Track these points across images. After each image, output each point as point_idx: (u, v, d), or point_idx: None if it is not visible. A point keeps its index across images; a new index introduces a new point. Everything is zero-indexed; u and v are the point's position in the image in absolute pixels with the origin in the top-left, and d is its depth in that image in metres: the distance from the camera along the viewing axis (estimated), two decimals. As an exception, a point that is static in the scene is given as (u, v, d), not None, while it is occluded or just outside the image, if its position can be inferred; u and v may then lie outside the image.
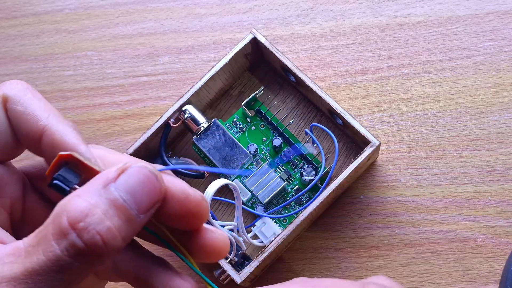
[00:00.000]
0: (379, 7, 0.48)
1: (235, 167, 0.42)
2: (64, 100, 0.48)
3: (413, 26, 0.47)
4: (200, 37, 0.49)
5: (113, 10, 0.51)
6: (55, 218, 0.24)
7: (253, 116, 0.45)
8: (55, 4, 0.52)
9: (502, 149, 0.43)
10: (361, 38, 0.47)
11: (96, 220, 0.23)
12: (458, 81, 0.45)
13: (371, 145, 0.39)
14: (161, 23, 0.50)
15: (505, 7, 0.46)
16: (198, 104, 0.44)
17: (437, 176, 0.44)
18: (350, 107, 0.45)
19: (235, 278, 0.38)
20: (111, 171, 0.25)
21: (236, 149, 0.42)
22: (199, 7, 0.50)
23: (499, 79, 0.45)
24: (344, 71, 0.46)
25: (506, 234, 0.42)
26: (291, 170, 0.43)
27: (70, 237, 0.23)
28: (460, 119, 0.44)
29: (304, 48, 0.47)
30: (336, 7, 0.48)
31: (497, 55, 0.45)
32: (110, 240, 0.24)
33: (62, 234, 0.23)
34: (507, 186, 0.43)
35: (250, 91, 0.46)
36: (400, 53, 0.46)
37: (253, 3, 0.49)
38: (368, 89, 0.46)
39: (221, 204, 0.44)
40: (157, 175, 0.26)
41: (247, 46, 0.43)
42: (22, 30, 0.51)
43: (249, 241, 0.40)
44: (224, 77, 0.44)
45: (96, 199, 0.24)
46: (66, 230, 0.23)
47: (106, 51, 0.49)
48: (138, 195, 0.25)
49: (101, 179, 0.24)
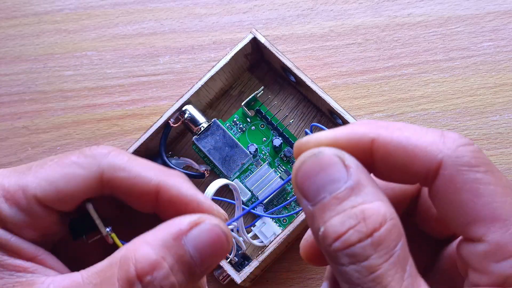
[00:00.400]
0: (379, 7, 0.48)
1: (235, 167, 0.42)
2: (64, 100, 0.48)
3: (413, 26, 0.47)
4: (200, 37, 0.49)
5: (113, 10, 0.51)
6: (122, 263, 0.24)
7: (253, 116, 0.45)
8: (55, 4, 0.52)
9: (502, 149, 0.43)
10: (361, 38, 0.47)
11: (163, 275, 0.24)
12: (458, 81, 0.45)
13: (371, 145, 0.39)
14: (161, 23, 0.50)
15: (505, 7, 0.46)
16: (198, 104, 0.44)
17: (437, 176, 0.43)
18: (350, 107, 0.45)
19: (235, 278, 0.38)
20: (184, 223, 0.25)
21: (236, 149, 0.42)
22: (199, 7, 0.50)
23: (499, 79, 0.45)
24: (344, 71, 0.46)
25: (506, 234, 0.42)
26: (291, 170, 0.43)
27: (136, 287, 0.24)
28: (460, 119, 0.44)
29: (304, 48, 0.47)
30: (336, 7, 0.48)
31: (497, 55, 0.45)
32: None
33: (128, 284, 0.24)
34: (507, 186, 0.43)
35: (250, 91, 0.46)
36: (400, 53, 0.46)
37: (253, 3, 0.49)
38: (368, 89, 0.46)
39: (221, 204, 0.44)
40: (228, 236, 0.26)
41: (247, 46, 0.43)
42: (22, 30, 0.51)
43: (249, 241, 0.40)
44: (224, 77, 0.44)
45: (165, 252, 0.24)
46: (133, 280, 0.24)
47: (106, 51, 0.49)
48: (205, 255, 0.25)
49: (173, 229, 0.25)
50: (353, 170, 0.22)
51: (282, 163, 0.43)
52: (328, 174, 0.23)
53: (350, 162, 0.23)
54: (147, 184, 0.27)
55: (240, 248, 0.40)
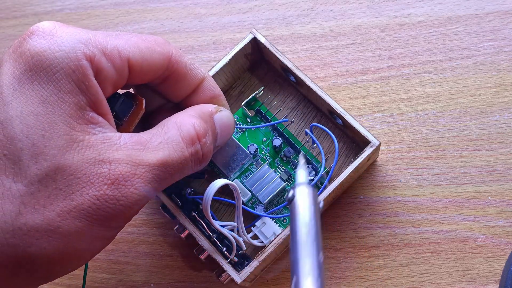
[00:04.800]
0: (379, 7, 0.48)
1: (235, 167, 0.42)
2: (64, 100, 0.48)
3: (413, 26, 0.47)
4: (200, 37, 0.49)
5: (113, 10, 0.51)
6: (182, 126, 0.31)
7: (253, 116, 0.45)
8: (55, 4, 0.52)
9: (502, 149, 0.43)
10: (361, 38, 0.47)
11: (210, 140, 0.33)
12: (458, 81, 0.45)
13: (371, 145, 0.39)
14: (161, 23, 0.50)
15: (505, 7, 0.46)
16: (198, 104, 0.44)
17: (437, 176, 0.43)
18: (350, 107, 0.45)
19: (235, 278, 0.38)
20: (211, 106, 0.35)
21: (236, 149, 0.42)
22: (199, 7, 0.50)
23: (499, 79, 0.45)
24: (344, 71, 0.46)
25: (506, 234, 0.42)
26: (291, 170, 0.43)
27: (196, 146, 0.31)
28: (460, 119, 0.44)
29: (304, 48, 0.47)
30: (336, 7, 0.48)
31: (497, 55, 0.45)
32: (209, 158, 0.34)
33: (191, 142, 0.31)
34: (507, 186, 0.43)
35: (250, 91, 0.46)
36: (400, 53, 0.46)
37: (253, 3, 0.49)
38: (368, 89, 0.46)
39: (221, 204, 0.44)
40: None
41: (247, 46, 0.43)
42: (22, 30, 0.51)
43: (249, 241, 0.40)
44: (224, 77, 0.44)
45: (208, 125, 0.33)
46: (195, 139, 0.31)
47: (106, 51, 0.49)
48: (223, 134, 0.35)
49: (207, 109, 0.34)
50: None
51: (282, 163, 0.43)
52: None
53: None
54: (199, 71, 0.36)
55: (240, 248, 0.40)
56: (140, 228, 0.45)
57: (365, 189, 0.44)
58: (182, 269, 0.44)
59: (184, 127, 0.31)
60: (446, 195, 0.43)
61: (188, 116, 0.32)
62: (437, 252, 0.42)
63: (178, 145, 0.30)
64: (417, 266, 0.42)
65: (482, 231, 0.42)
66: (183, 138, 0.31)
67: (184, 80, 0.35)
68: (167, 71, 0.34)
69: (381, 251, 0.43)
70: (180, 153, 0.30)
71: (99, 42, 0.30)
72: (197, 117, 0.32)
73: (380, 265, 0.42)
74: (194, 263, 0.44)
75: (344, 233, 0.43)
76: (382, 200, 0.43)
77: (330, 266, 0.43)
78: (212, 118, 0.34)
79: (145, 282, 0.44)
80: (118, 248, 0.45)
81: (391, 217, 0.43)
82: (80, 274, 0.44)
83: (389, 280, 0.42)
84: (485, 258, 0.42)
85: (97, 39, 0.30)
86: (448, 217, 0.43)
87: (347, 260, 0.43)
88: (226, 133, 0.35)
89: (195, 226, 0.40)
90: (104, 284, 0.44)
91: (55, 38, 0.29)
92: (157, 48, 0.33)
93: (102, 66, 0.30)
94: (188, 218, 0.40)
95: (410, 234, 0.43)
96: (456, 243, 0.42)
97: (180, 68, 0.34)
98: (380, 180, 0.44)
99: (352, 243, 0.43)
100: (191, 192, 0.42)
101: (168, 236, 0.45)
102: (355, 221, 0.43)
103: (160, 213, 0.44)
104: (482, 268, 0.41)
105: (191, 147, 0.31)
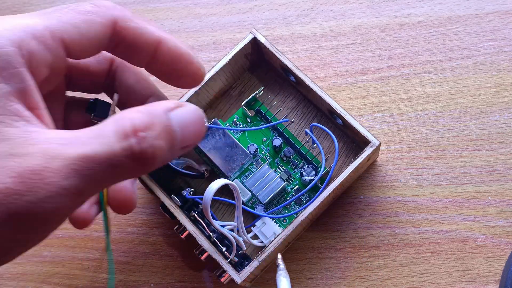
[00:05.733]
0: (379, 7, 0.48)
1: (235, 167, 0.42)
2: (64, 100, 0.48)
3: (413, 26, 0.47)
4: (200, 37, 0.49)
5: (113, 10, 0.51)
6: (117, 120, 0.27)
7: (253, 116, 0.45)
8: (55, 4, 0.52)
9: (502, 149, 0.43)
10: (361, 38, 0.47)
11: (154, 135, 0.27)
12: (458, 81, 0.45)
13: (371, 145, 0.39)
14: (161, 23, 0.50)
15: (505, 7, 0.46)
16: (198, 104, 0.44)
17: (437, 176, 0.43)
18: (350, 107, 0.45)
19: (235, 278, 0.38)
20: (171, 102, 0.29)
21: (236, 149, 0.42)
22: (199, 7, 0.50)
23: (499, 79, 0.45)
24: (344, 71, 0.46)
25: (506, 234, 0.42)
26: (291, 170, 0.43)
27: (130, 140, 0.26)
28: (460, 119, 0.44)
29: (304, 48, 0.47)
30: (336, 7, 0.48)
31: (497, 55, 0.45)
32: (157, 157, 0.27)
33: (124, 135, 0.26)
34: (507, 186, 0.43)
35: (250, 91, 0.46)
36: (400, 53, 0.46)
37: (253, 3, 0.49)
38: (368, 89, 0.46)
39: (221, 204, 0.44)
40: (205, 121, 0.30)
41: (247, 46, 0.43)
42: (22, 30, 0.51)
43: (249, 241, 0.40)
44: (224, 77, 0.44)
45: (156, 120, 0.27)
46: (129, 133, 0.27)
47: (106, 51, 0.49)
48: (187, 132, 0.29)
49: (162, 104, 0.28)
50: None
51: (282, 163, 0.43)
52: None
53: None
54: (152, 34, 0.32)
55: (240, 248, 0.40)
56: (140, 228, 0.45)
57: (365, 189, 0.44)
58: (182, 269, 0.44)
59: (121, 121, 0.27)
60: (446, 195, 0.43)
61: (131, 111, 0.28)
62: (437, 252, 0.42)
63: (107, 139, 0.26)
64: (417, 266, 0.42)
65: (482, 231, 0.42)
66: (115, 131, 0.27)
67: (135, 46, 0.32)
68: (114, 40, 0.31)
69: (381, 251, 0.43)
70: (107, 147, 0.26)
71: (28, 25, 0.28)
72: (143, 111, 0.28)
73: (380, 265, 0.42)
74: (194, 263, 0.44)
75: (344, 233, 0.43)
76: (382, 200, 0.43)
77: (330, 266, 0.43)
78: (167, 114, 0.28)
79: (145, 282, 0.44)
80: (118, 248, 0.45)
81: (391, 217, 0.43)
82: (80, 274, 0.45)
83: (389, 280, 0.42)
84: (485, 258, 0.42)
85: (25, 23, 0.28)
86: (448, 217, 0.43)
87: (347, 260, 0.43)
88: (191, 131, 0.29)
89: (195, 226, 0.40)
90: (104, 284, 0.44)
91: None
92: (96, 19, 0.30)
93: (33, 50, 0.28)
94: (188, 218, 0.40)
95: (410, 234, 0.43)
96: (456, 243, 0.42)
97: (128, 34, 0.31)
98: (380, 180, 0.44)
99: (352, 243, 0.43)
100: (191, 192, 0.42)
101: (168, 236, 0.45)
102: (355, 221, 0.43)
103: (160, 213, 0.44)
104: (482, 268, 0.41)
105: (122, 141, 0.26)
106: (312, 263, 0.43)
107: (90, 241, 0.45)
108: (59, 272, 0.45)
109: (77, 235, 0.45)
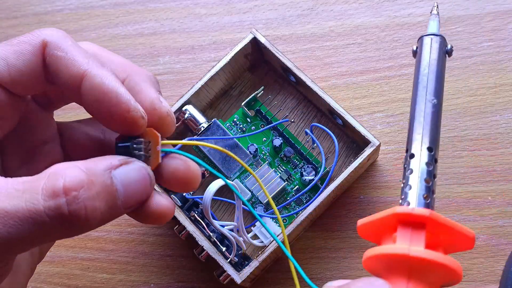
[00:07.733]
0: (379, 7, 0.48)
1: (235, 167, 0.42)
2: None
3: (413, 26, 0.47)
4: (200, 37, 0.49)
5: (113, 10, 0.51)
6: (50, 176, 0.24)
7: (253, 116, 0.45)
8: (55, 4, 0.52)
9: (502, 149, 0.43)
10: (361, 38, 0.47)
11: (89, 195, 0.24)
12: (458, 81, 0.45)
13: (371, 145, 0.39)
14: (161, 23, 0.50)
15: (505, 7, 0.46)
16: (198, 104, 0.44)
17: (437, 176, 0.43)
18: (350, 107, 0.45)
19: (235, 278, 0.38)
20: (115, 158, 0.26)
21: (236, 149, 0.42)
22: (199, 7, 0.50)
23: (499, 79, 0.45)
24: (344, 71, 0.46)
25: (506, 234, 0.42)
26: (291, 170, 0.43)
27: (59, 200, 0.24)
28: (460, 119, 0.44)
29: (304, 48, 0.47)
30: (336, 7, 0.48)
31: (497, 55, 0.45)
32: (91, 219, 0.25)
33: (53, 194, 0.24)
34: (507, 186, 0.43)
35: (250, 91, 0.46)
36: (400, 53, 0.46)
37: (253, 3, 0.49)
38: (368, 89, 0.46)
39: (221, 204, 0.44)
40: (152, 180, 0.27)
41: (247, 46, 0.43)
42: (22, 30, 0.51)
43: (249, 241, 0.40)
44: (224, 77, 0.44)
45: (94, 178, 0.25)
46: (58, 192, 0.24)
47: (106, 51, 0.49)
48: (130, 192, 0.26)
49: (105, 162, 0.26)
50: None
51: (282, 163, 0.43)
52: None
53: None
54: (77, 68, 0.27)
55: (240, 248, 0.40)
56: (140, 228, 0.45)
57: (365, 189, 0.44)
58: (182, 269, 0.44)
59: (53, 177, 0.25)
60: (446, 195, 0.43)
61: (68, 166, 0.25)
62: (437, 252, 0.42)
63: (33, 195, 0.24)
64: (417, 266, 0.42)
65: (482, 231, 0.42)
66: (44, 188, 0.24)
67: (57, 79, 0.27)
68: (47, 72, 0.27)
69: (381, 251, 0.43)
70: (31, 204, 0.24)
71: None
72: (80, 168, 0.25)
73: (380, 265, 0.42)
74: (194, 263, 0.44)
75: (344, 233, 0.43)
76: (382, 200, 0.43)
77: (330, 266, 0.43)
78: (110, 172, 0.26)
79: (145, 282, 0.44)
80: (118, 248, 0.45)
81: (391, 217, 0.43)
82: (80, 274, 0.45)
83: (389, 280, 0.42)
84: (485, 258, 0.42)
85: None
86: (448, 217, 0.43)
87: (347, 260, 0.43)
88: (136, 191, 0.27)
89: (195, 226, 0.40)
90: (104, 284, 0.44)
91: None
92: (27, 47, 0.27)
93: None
94: (188, 218, 0.40)
95: (410, 234, 0.43)
96: (456, 243, 0.42)
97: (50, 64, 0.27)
98: (380, 180, 0.44)
99: (352, 243, 0.43)
100: (191, 192, 0.42)
101: (168, 236, 0.45)
102: (355, 221, 0.43)
103: (160, 213, 0.44)
104: (482, 268, 0.41)
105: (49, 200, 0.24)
106: (312, 263, 0.43)
107: (90, 241, 0.45)
108: (59, 272, 0.45)
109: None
